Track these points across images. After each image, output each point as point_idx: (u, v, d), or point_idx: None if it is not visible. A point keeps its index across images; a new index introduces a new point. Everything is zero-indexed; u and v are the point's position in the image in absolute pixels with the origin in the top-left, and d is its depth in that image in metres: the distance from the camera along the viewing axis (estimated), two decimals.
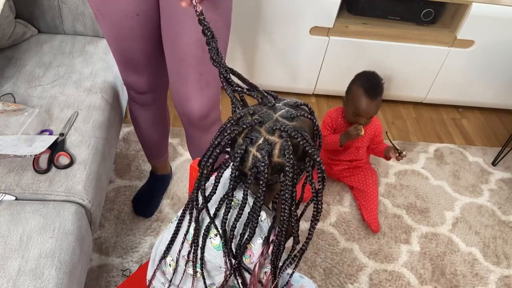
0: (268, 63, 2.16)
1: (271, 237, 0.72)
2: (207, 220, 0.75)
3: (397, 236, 1.70)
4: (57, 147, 1.17)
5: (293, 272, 0.84)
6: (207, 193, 0.73)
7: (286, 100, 0.72)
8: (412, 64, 2.17)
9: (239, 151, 0.66)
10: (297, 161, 0.67)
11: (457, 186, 1.94)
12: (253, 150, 0.66)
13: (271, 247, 0.72)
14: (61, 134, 1.21)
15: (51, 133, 1.21)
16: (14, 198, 1.07)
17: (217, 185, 0.72)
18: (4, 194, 1.07)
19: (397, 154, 1.63)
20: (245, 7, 1.95)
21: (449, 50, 2.11)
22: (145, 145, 1.60)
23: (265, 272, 0.77)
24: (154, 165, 1.69)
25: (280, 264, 0.75)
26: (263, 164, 0.65)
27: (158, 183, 1.70)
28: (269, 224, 0.74)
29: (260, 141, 0.66)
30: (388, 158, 1.71)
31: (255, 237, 0.73)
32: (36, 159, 1.13)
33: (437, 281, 1.57)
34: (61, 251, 0.98)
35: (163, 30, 1.11)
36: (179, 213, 0.90)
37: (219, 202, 0.73)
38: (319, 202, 0.68)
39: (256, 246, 0.74)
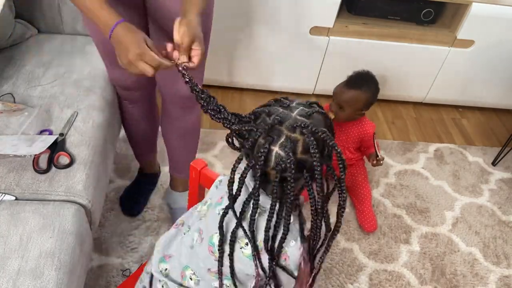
0: (268, 63, 2.16)
1: (305, 233, 0.73)
2: (231, 225, 0.75)
3: (397, 236, 1.70)
4: (57, 147, 1.17)
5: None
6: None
7: (297, 100, 0.74)
8: (412, 64, 2.17)
9: (262, 151, 0.66)
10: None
11: (457, 186, 1.94)
12: (275, 148, 0.67)
13: (307, 243, 0.74)
14: (61, 134, 1.21)
15: (51, 133, 1.21)
16: (14, 198, 1.07)
17: (241, 187, 0.72)
18: (4, 194, 1.06)
19: (374, 161, 1.60)
20: (246, 7, 1.95)
21: (449, 50, 2.11)
22: (133, 141, 1.59)
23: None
24: (142, 163, 1.67)
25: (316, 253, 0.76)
26: (288, 161, 0.65)
27: (146, 182, 1.68)
28: (296, 224, 0.75)
29: (283, 139, 0.67)
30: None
31: (287, 240, 0.73)
32: (36, 159, 1.13)
33: (437, 281, 1.57)
34: (61, 251, 0.98)
35: (150, 18, 1.11)
36: (183, 216, 0.89)
37: (244, 203, 0.73)
38: (343, 190, 0.69)
39: (290, 249, 0.74)
